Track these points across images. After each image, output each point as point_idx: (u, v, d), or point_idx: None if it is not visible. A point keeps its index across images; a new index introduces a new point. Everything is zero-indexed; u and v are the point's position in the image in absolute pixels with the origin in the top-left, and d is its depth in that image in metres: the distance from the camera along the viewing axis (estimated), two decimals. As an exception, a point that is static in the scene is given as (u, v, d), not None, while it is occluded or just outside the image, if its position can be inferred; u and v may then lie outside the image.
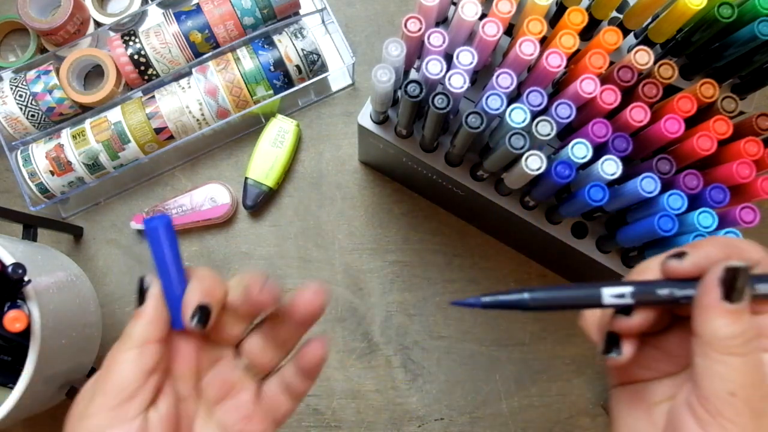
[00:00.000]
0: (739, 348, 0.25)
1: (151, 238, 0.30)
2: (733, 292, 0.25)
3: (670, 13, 0.41)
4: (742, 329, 0.25)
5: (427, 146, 0.47)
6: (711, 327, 0.25)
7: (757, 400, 0.25)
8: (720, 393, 0.25)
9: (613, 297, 0.27)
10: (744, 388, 0.25)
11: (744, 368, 0.25)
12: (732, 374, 0.25)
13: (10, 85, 0.58)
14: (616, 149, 0.40)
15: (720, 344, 0.25)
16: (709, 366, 0.25)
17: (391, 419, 0.59)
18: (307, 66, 0.60)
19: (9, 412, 0.42)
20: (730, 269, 0.25)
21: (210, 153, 0.63)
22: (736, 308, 0.25)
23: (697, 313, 0.26)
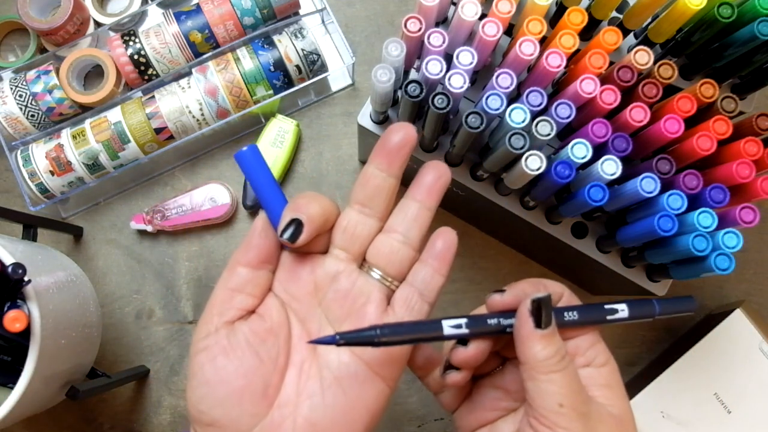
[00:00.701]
0: (557, 365, 0.29)
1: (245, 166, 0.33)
2: (541, 319, 0.30)
3: (670, 13, 0.41)
4: (555, 349, 0.29)
5: (427, 146, 0.47)
6: (531, 353, 0.30)
7: (581, 405, 0.29)
8: (551, 406, 0.29)
9: (451, 327, 0.31)
10: (569, 398, 0.29)
11: (564, 381, 0.29)
12: (556, 388, 0.29)
13: (10, 85, 0.58)
14: (616, 149, 0.40)
15: (541, 366, 0.29)
16: (537, 386, 0.29)
17: (390, 419, 0.59)
18: (307, 66, 0.60)
19: (9, 412, 0.42)
20: (535, 301, 0.30)
21: (210, 153, 0.63)
22: (546, 333, 0.30)
23: (518, 343, 0.30)
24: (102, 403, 0.59)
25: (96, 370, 0.53)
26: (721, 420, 0.51)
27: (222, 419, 0.30)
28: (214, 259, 0.62)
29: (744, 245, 0.39)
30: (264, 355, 0.31)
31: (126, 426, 0.59)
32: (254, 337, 0.31)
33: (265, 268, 0.33)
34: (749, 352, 0.52)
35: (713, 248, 0.39)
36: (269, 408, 0.31)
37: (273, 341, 0.32)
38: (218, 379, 0.30)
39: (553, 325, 0.30)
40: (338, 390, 0.32)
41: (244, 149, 0.33)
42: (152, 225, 0.60)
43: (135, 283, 0.61)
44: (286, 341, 0.32)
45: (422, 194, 0.34)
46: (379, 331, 0.29)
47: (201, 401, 0.31)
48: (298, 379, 0.32)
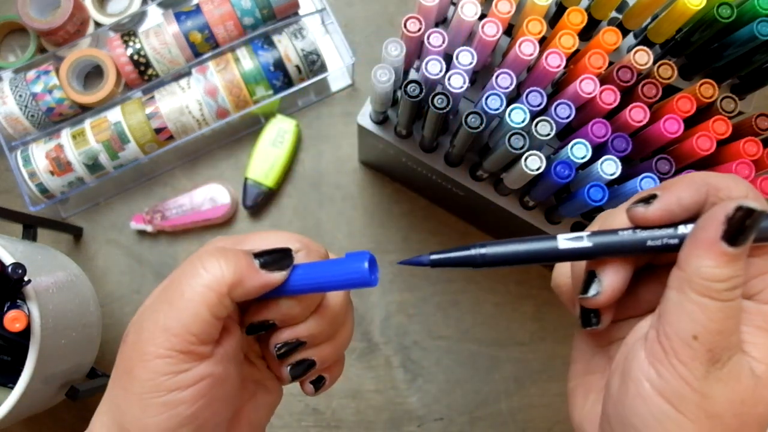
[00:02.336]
0: (721, 294, 0.22)
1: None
2: (738, 235, 0.22)
3: (670, 14, 0.41)
4: (730, 274, 0.22)
5: (426, 146, 0.47)
6: (697, 264, 0.23)
7: (721, 350, 0.23)
8: (683, 333, 0.23)
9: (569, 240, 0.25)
10: (711, 335, 0.22)
11: (718, 314, 0.22)
12: (703, 317, 0.22)
13: (10, 85, 0.58)
14: (616, 149, 0.40)
15: (701, 284, 0.23)
16: (681, 303, 0.23)
17: (390, 419, 0.59)
18: (307, 66, 0.60)
19: (9, 411, 0.42)
20: (743, 209, 0.22)
21: (210, 153, 0.63)
22: (733, 252, 0.22)
23: (687, 245, 0.23)
24: (102, 403, 0.59)
25: (96, 369, 0.53)
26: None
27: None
28: (213, 259, 0.62)
29: (743, 245, 0.39)
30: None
31: (126, 426, 0.59)
32: (235, 358, 0.28)
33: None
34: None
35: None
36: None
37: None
38: (210, 413, 0.27)
39: (746, 247, 0.22)
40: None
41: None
42: (152, 225, 0.60)
43: (135, 283, 0.61)
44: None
45: None
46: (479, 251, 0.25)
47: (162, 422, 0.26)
48: None
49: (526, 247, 0.26)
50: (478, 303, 0.61)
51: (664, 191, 0.24)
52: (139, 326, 0.27)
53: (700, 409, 0.23)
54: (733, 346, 0.23)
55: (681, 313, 0.23)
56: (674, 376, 0.23)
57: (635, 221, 0.25)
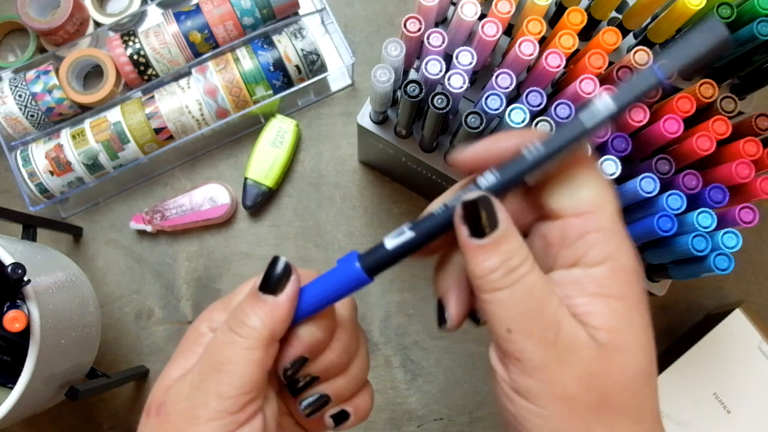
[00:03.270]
0: (502, 280, 0.22)
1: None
2: (480, 225, 0.23)
3: (670, 14, 0.41)
4: (500, 260, 0.22)
5: (426, 146, 0.47)
6: (470, 267, 0.23)
7: (541, 329, 0.22)
8: (500, 332, 0.23)
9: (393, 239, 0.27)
10: (519, 322, 0.22)
11: (512, 300, 0.22)
12: (502, 310, 0.23)
13: (10, 85, 0.58)
14: (615, 149, 0.40)
15: (482, 282, 0.23)
16: (483, 307, 0.23)
17: (390, 419, 0.59)
18: (307, 66, 0.60)
19: (9, 412, 0.42)
20: (467, 203, 0.23)
21: (209, 153, 0.63)
22: (486, 242, 0.22)
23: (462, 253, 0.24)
24: (101, 403, 0.59)
25: (95, 370, 0.53)
26: (721, 420, 0.51)
27: None
28: (213, 259, 0.62)
29: (743, 245, 0.39)
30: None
31: (125, 426, 0.59)
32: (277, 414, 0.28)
33: None
34: (748, 352, 0.52)
35: (712, 248, 0.39)
36: None
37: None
38: None
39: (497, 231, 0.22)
40: None
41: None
42: (152, 225, 0.60)
43: (134, 283, 0.61)
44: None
45: None
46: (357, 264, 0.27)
47: None
48: None
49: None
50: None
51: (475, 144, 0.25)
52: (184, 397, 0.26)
53: (551, 395, 0.22)
54: (550, 323, 0.22)
55: (488, 315, 0.23)
56: (516, 373, 0.23)
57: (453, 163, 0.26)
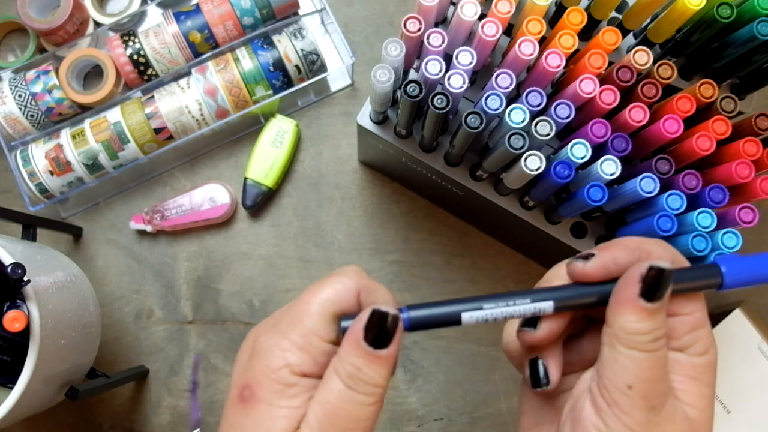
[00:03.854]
0: (646, 345, 0.25)
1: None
2: (652, 291, 0.25)
3: (669, 14, 0.41)
4: (652, 327, 0.25)
5: (426, 146, 0.47)
6: (621, 321, 0.25)
7: (654, 396, 0.25)
8: (619, 384, 0.25)
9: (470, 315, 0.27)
10: (642, 383, 0.25)
11: (646, 364, 0.25)
12: (633, 367, 0.25)
13: (10, 85, 0.58)
14: (616, 149, 0.40)
15: (627, 338, 0.25)
16: (613, 357, 0.25)
17: (390, 419, 0.59)
18: (307, 66, 0.60)
19: (9, 412, 0.42)
20: (654, 269, 0.25)
21: (209, 153, 0.63)
22: (651, 307, 0.25)
23: (611, 303, 0.26)
24: (101, 403, 0.59)
25: (95, 370, 0.53)
26: (721, 420, 0.51)
27: None
28: (213, 259, 0.62)
29: (743, 245, 0.39)
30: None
31: (125, 426, 0.59)
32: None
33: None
34: (748, 352, 0.52)
35: (712, 248, 0.39)
36: None
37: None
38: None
39: (662, 302, 0.25)
40: None
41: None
42: (152, 225, 0.60)
43: (134, 283, 0.61)
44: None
45: None
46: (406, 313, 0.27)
47: None
48: None
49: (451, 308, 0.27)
50: (477, 303, 0.61)
51: (601, 251, 0.27)
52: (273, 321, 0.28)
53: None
54: (664, 392, 0.25)
55: (614, 366, 0.25)
56: (618, 425, 0.25)
57: (574, 276, 0.27)
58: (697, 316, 0.27)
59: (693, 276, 0.26)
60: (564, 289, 0.27)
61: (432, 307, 0.27)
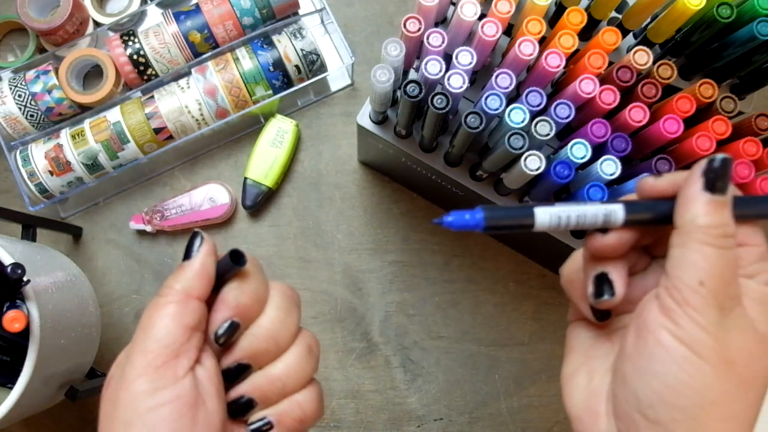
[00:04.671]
0: (716, 240, 0.25)
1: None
2: (716, 182, 0.25)
3: (669, 14, 0.41)
4: (721, 221, 0.25)
5: (426, 146, 0.47)
6: (691, 215, 0.25)
7: (724, 296, 0.25)
8: (690, 281, 0.25)
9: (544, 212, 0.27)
10: (713, 279, 0.25)
11: (717, 260, 0.25)
12: (704, 264, 0.25)
13: (9, 85, 0.58)
14: (615, 149, 0.40)
15: (698, 233, 0.25)
16: (684, 254, 0.25)
17: (390, 419, 0.59)
18: (307, 66, 0.60)
19: (8, 412, 0.42)
20: (714, 160, 0.25)
21: (209, 153, 0.63)
22: (717, 199, 0.25)
23: (679, 204, 0.26)
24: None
25: (95, 370, 0.53)
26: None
27: None
28: (213, 259, 0.62)
29: (743, 245, 0.39)
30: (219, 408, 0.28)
31: (125, 426, 0.59)
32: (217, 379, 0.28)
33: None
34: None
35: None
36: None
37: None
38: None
39: (728, 194, 0.25)
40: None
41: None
42: (151, 225, 0.60)
43: (134, 283, 0.61)
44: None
45: None
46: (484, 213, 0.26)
47: None
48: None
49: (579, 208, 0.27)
50: (477, 303, 0.61)
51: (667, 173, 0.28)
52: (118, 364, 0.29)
53: (716, 353, 0.25)
54: (734, 296, 0.25)
55: (685, 263, 0.25)
56: (690, 323, 0.25)
57: (643, 191, 0.28)
58: (762, 249, 0.27)
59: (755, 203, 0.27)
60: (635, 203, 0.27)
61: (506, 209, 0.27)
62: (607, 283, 0.28)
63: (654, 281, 0.28)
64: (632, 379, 0.26)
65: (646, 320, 0.26)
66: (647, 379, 0.26)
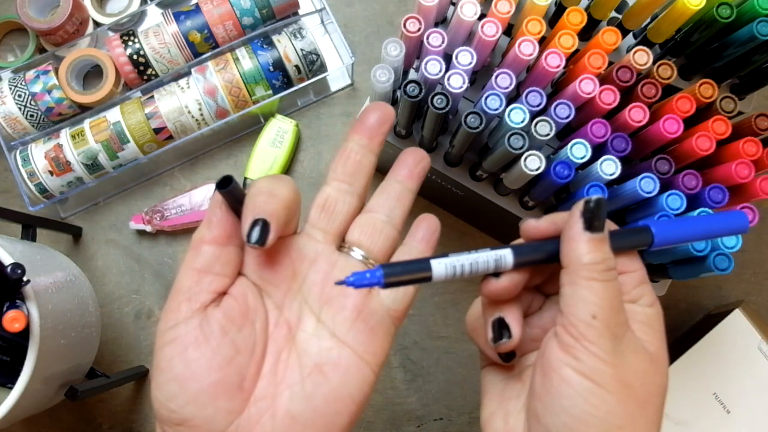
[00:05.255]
0: (601, 274, 0.27)
1: None
2: (593, 221, 0.27)
3: (669, 14, 0.41)
4: (602, 257, 0.27)
5: (426, 146, 0.47)
6: (575, 254, 0.27)
7: (616, 325, 0.27)
8: (583, 317, 0.27)
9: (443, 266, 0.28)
10: (604, 311, 0.27)
11: (605, 293, 0.27)
12: (594, 298, 0.27)
13: (9, 85, 0.58)
14: (615, 149, 0.40)
15: (584, 270, 0.27)
16: (575, 292, 0.27)
17: (390, 419, 0.59)
18: (306, 66, 0.60)
19: (8, 412, 0.42)
20: (589, 201, 0.27)
21: (209, 153, 0.63)
22: (596, 237, 0.27)
23: (563, 244, 0.28)
24: (101, 403, 0.59)
25: (95, 370, 0.53)
26: (721, 420, 0.51)
27: (195, 418, 0.27)
28: (213, 259, 0.62)
29: (743, 245, 0.39)
30: (240, 343, 0.29)
31: (125, 426, 0.59)
32: (229, 323, 0.29)
33: (231, 243, 0.30)
34: (748, 352, 0.52)
35: (712, 248, 0.39)
36: (246, 403, 0.29)
37: (250, 328, 0.29)
38: (190, 374, 0.28)
39: (604, 232, 0.27)
40: (320, 378, 0.29)
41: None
42: (151, 225, 0.60)
43: (134, 283, 0.61)
44: (263, 328, 0.30)
45: (404, 175, 0.34)
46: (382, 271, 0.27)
47: (171, 399, 0.28)
48: (276, 369, 0.29)
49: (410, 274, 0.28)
50: (477, 303, 0.61)
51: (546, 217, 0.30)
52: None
53: (616, 380, 0.26)
54: (623, 323, 0.28)
55: (577, 300, 0.27)
56: (588, 356, 0.26)
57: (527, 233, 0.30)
58: (641, 273, 0.29)
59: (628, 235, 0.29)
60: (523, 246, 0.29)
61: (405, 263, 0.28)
62: (505, 327, 0.29)
63: (550, 319, 0.31)
64: (543, 416, 0.28)
65: (549, 359, 0.28)
66: (557, 414, 0.27)
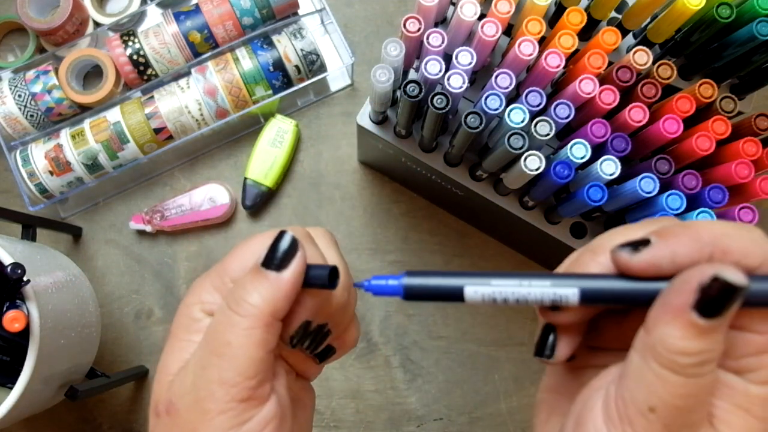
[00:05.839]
0: (686, 369, 0.20)
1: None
2: (712, 306, 0.19)
3: (669, 14, 0.41)
4: (700, 348, 0.20)
5: (426, 146, 0.47)
6: (663, 331, 0.20)
7: (676, 427, 0.20)
8: (639, 403, 0.20)
9: (475, 292, 0.23)
10: (668, 410, 0.20)
11: (681, 390, 0.20)
12: (661, 390, 0.20)
13: (9, 85, 0.58)
14: (615, 149, 0.40)
15: (664, 355, 0.20)
16: (642, 370, 0.20)
17: (390, 419, 0.59)
18: (306, 66, 0.60)
19: (8, 412, 0.42)
20: (720, 281, 0.19)
21: (209, 153, 0.63)
22: (706, 325, 0.19)
23: (655, 307, 0.21)
24: (101, 403, 0.59)
25: (95, 370, 0.53)
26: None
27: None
28: (213, 259, 0.62)
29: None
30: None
31: (125, 426, 0.59)
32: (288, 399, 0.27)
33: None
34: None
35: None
36: None
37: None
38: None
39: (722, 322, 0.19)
40: None
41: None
42: (151, 225, 0.60)
43: (134, 283, 0.61)
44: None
45: None
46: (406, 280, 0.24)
47: None
48: None
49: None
50: (477, 303, 0.61)
51: (660, 239, 0.21)
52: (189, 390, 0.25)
53: None
54: (692, 425, 0.21)
55: (640, 380, 0.21)
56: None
57: (616, 266, 0.22)
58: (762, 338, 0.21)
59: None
60: (597, 279, 0.22)
61: (433, 276, 0.23)
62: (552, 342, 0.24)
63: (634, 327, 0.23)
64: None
65: (586, 418, 0.22)
66: None
